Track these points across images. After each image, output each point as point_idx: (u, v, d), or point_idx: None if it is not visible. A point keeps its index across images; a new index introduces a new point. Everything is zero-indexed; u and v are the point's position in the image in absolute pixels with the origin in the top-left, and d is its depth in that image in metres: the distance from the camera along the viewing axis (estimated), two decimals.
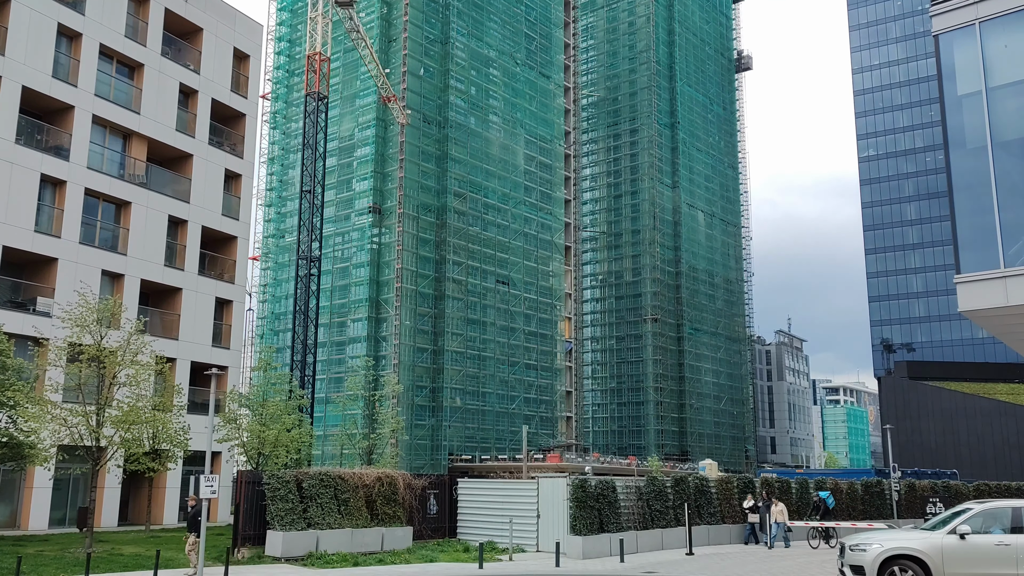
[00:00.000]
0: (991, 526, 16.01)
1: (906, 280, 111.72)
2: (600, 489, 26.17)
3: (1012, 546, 15.46)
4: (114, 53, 38.53)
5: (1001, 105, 16.33)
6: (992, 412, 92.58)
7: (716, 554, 26.72)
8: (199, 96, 42.38)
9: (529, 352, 71.11)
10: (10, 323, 31.03)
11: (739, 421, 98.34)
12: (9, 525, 32.34)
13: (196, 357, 39.78)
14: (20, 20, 34.42)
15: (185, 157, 41.48)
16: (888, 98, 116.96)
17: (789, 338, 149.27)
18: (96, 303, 27.09)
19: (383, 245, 65.06)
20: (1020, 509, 16.07)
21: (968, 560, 15.70)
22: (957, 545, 15.82)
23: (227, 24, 44.53)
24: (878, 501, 37.65)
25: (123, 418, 25.75)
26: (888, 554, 16.21)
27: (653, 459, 65.61)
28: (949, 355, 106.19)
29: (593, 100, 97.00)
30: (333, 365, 64.44)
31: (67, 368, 26.61)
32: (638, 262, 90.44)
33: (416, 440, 60.22)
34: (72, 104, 36.15)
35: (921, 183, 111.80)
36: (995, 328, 18.61)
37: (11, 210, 33.23)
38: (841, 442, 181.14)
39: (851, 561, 16.77)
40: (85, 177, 36.23)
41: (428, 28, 68.05)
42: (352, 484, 25.32)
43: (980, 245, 16.17)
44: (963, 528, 15.95)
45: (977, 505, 17.05)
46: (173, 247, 40.35)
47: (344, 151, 68.07)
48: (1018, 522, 15.83)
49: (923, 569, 15.89)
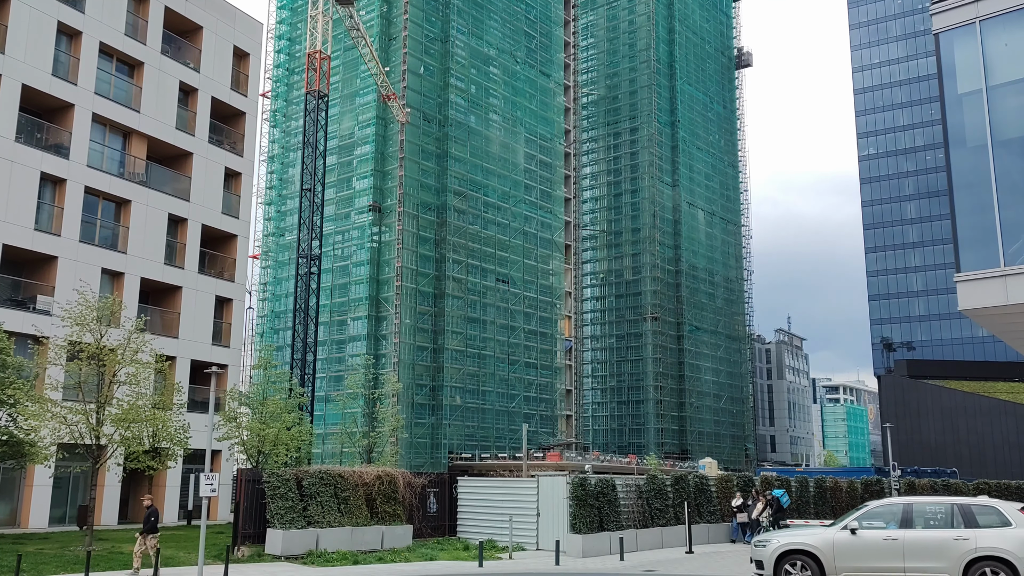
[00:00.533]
0: (882, 522, 16.62)
1: (906, 279, 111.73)
2: (600, 488, 26.18)
3: (899, 540, 16.07)
4: (114, 51, 38.52)
5: (1001, 103, 16.33)
6: (992, 411, 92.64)
7: (716, 552, 26.73)
8: (199, 94, 42.38)
9: (529, 350, 71.12)
10: (10, 321, 31.03)
11: (739, 420, 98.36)
12: (9, 523, 32.36)
13: (196, 355, 39.79)
14: (20, 18, 34.40)
15: (185, 155, 41.49)
16: (888, 96, 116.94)
17: (789, 337, 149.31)
18: (96, 301, 27.09)
19: (383, 243, 65.05)
20: (911, 505, 16.77)
21: (857, 554, 16.28)
22: (848, 540, 16.42)
23: (227, 22, 44.51)
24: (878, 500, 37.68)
25: (123, 416, 25.74)
26: (784, 549, 16.84)
27: (652, 458, 65.61)
28: (949, 354, 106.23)
29: (593, 98, 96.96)
30: (333, 363, 64.44)
31: (67, 366, 26.61)
32: (638, 261, 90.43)
33: (416, 438, 60.23)
34: (72, 102, 36.15)
35: (921, 181, 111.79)
36: (995, 327, 18.61)
37: (11, 208, 33.23)
38: (841, 441, 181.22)
39: (755, 556, 17.49)
40: (85, 175, 36.23)
41: (428, 26, 68.02)
42: (352, 482, 25.33)
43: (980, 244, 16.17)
44: (853, 524, 16.60)
45: (873, 502, 17.77)
46: (173, 245, 40.36)
47: (344, 149, 68.05)
48: (908, 518, 16.45)
49: (816, 563, 16.48)
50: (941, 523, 16.24)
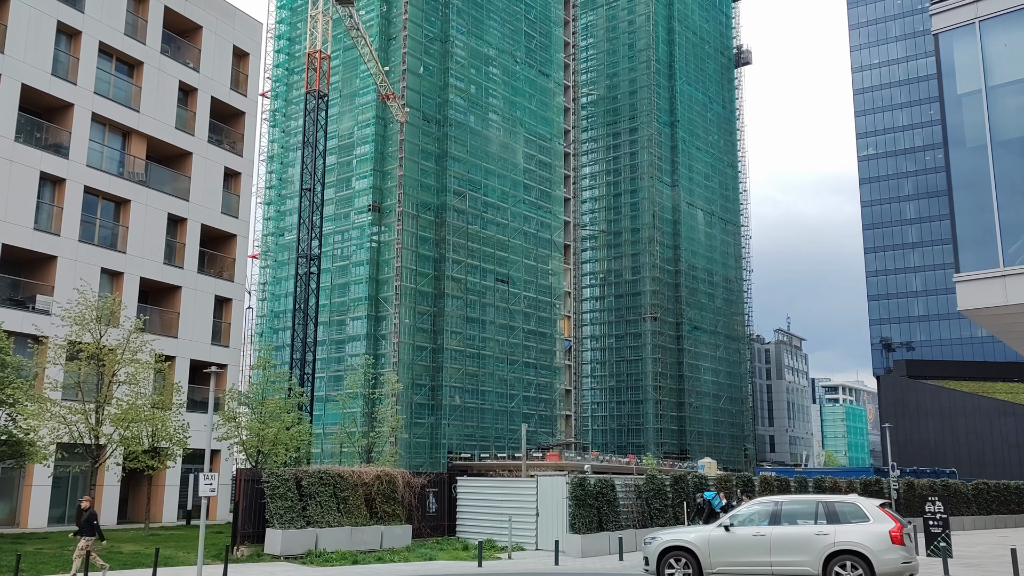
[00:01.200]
0: (754, 519, 17.55)
1: (905, 279, 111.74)
2: (599, 488, 26.18)
3: (767, 536, 17.03)
4: (113, 51, 38.50)
5: (1001, 104, 16.33)
6: (991, 411, 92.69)
7: None
8: (198, 94, 42.36)
9: (528, 350, 71.13)
10: (9, 321, 31.02)
11: (738, 420, 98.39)
12: (8, 523, 32.34)
13: (195, 355, 39.78)
14: (20, 18, 34.40)
15: (184, 155, 41.48)
16: (888, 97, 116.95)
17: (788, 337, 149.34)
18: (95, 301, 27.10)
19: (383, 243, 65.05)
20: (780, 504, 17.72)
21: (730, 549, 17.23)
22: (722, 536, 17.40)
23: (227, 22, 44.50)
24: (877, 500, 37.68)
25: (122, 416, 25.78)
26: (666, 546, 17.81)
27: (651, 458, 65.63)
28: (948, 354, 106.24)
29: (593, 99, 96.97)
30: (332, 363, 64.43)
31: (66, 366, 26.64)
32: (637, 261, 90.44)
33: (415, 438, 60.23)
34: (71, 102, 36.13)
35: (921, 182, 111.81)
36: (994, 327, 18.61)
37: (10, 208, 33.21)
38: (840, 441, 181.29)
39: (644, 553, 18.45)
40: (84, 175, 36.22)
41: (428, 26, 68.02)
42: (351, 482, 25.33)
43: (979, 244, 16.17)
44: (727, 521, 17.65)
45: (751, 501, 19.05)
46: (172, 245, 40.34)
47: (344, 149, 68.05)
48: (777, 516, 17.38)
49: (694, 559, 17.44)
50: (807, 519, 17.20)
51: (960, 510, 40.83)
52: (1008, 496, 44.49)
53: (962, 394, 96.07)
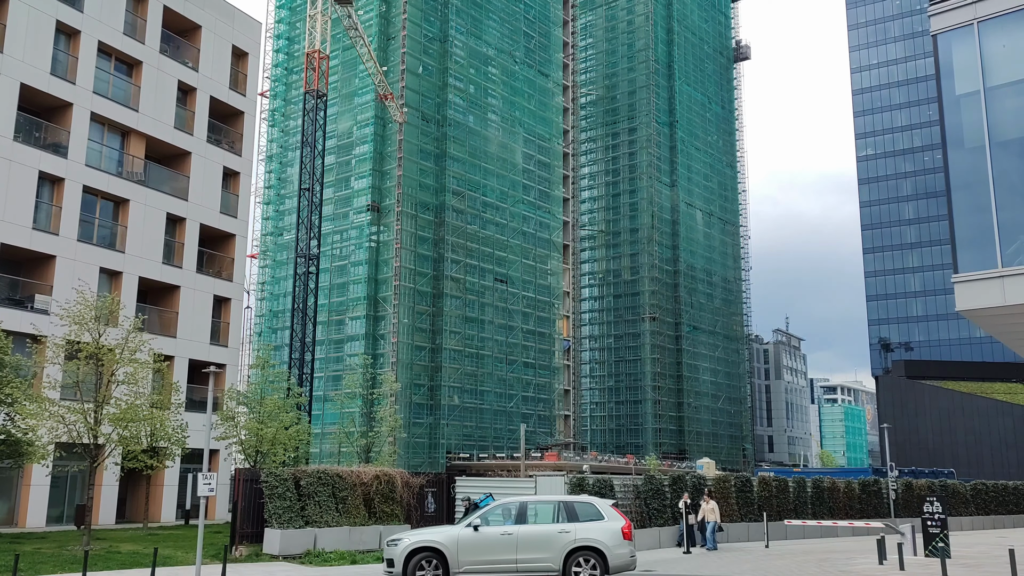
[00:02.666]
0: (502, 519, 17.93)
1: (904, 279, 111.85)
2: (598, 488, 26.19)
3: (514, 535, 17.51)
4: (113, 50, 38.51)
5: (999, 105, 16.35)
6: (989, 411, 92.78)
7: (713, 552, 26.74)
8: (197, 94, 42.37)
9: (527, 350, 71.13)
10: (8, 320, 31.03)
11: (737, 420, 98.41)
12: (7, 522, 32.34)
13: (194, 355, 39.79)
14: (19, 17, 34.39)
15: (183, 155, 41.48)
16: (887, 97, 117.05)
17: (787, 337, 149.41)
18: (94, 301, 27.07)
19: (381, 243, 65.04)
20: (526, 503, 18.27)
21: (478, 548, 17.38)
22: (471, 536, 17.49)
23: (226, 22, 44.50)
24: (875, 500, 37.74)
25: (121, 416, 25.74)
26: (413, 547, 17.37)
27: (651, 458, 65.66)
28: (947, 354, 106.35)
29: (592, 99, 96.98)
30: (331, 363, 64.43)
31: (65, 365, 26.61)
32: (636, 261, 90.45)
33: (414, 438, 60.24)
34: (70, 101, 36.14)
35: (919, 182, 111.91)
36: (993, 327, 18.64)
37: (9, 207, 33.21)
38: (839, 441, 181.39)
39: (386, 555, 17.96)
40: (83, 174, 36.22)
41: (427, 26, 68.01)
42: (350, 482, 25.34)
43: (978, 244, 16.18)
44: (476, 521, 17.74)
45: (496, 502, 19.18)
46: (171, 245, 40.35)
47: (343, 149, 68.04)
48: (522, 515, 17.91)
49: (442, 560, 17.31)
50: (549, 518, 17.88)
51: (958, 510, 40.90)
52: (1006, 496, 44.56)
53: (960, 395, 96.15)
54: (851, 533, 33.87)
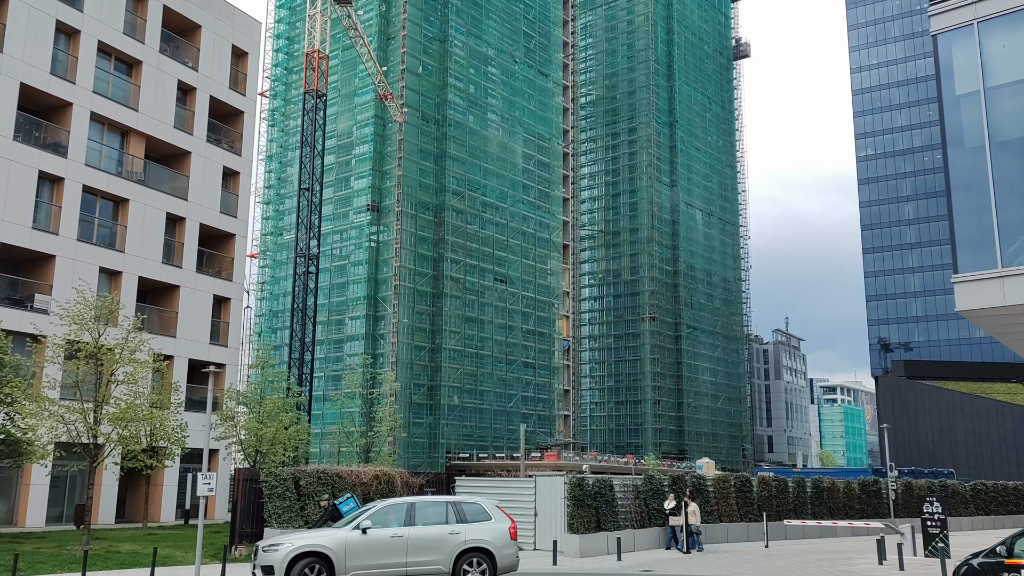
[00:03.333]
0: (390, 520, 17.48)
1: (904, 279, 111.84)
2: (597, 488, 26.18)
3: (404, 537, 17.19)
4: (112, 50, 38.50)
5: (999, 105, 16.35)
6: (989, 411, 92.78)
7: (712, 552, 26.75)
8: (197, 93, 42.36)
9: (527, 350, 71.13)
10: (8, 320, 31.02)
11: (736, 420, 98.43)
12: (6, 522, 32.34)
13: (194, 355, 39.78)
14: (18, 17, 34.38)
15: (183, 154, 41.47)
16: (886, 97, 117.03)
17: (787, 337, 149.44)
18: (94, 300, 27.06)
19: (381, 243, 65.04)
20: (414, 504, 18.00)
21: (367, 552, 16.94)
22: (359, 539, 16.97)
23: (226, 21, 44.49)
24: (875, 500, 37.73)
25: (120, 415, 25.74)
26: (296, 552, 16.49)
27: (650, 458, 65.64)
28: (947, 354, 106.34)
29: (592, 99, 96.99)
30: (331, 363, 64.43)
31: (65, 365, 26.61)
32: (636, 261, 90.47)
33: (414, 438, 60.23)
34: (70, 101, 36.13)
35: (919, 182, 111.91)
36: (992, 328, 18.63)
37: (9, 207, 33.21)
38: (838, 441, 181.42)
39: (263, 562, 16.71)
40: (83, 174, 36.21)
41: (427, 26, 68.00)
42: (349, 482, 25.34)
43: (978, 244, 16.18)
44: (366, 523, 17.19)
45: (380, 501, 18.60)
46: (171, 244, 40.34)
47: (343, 149, 68.04)
48: (411, 516, 17.59)
49: (328, 564, 16.63)
50: (439, 520, 17.72)
51: (958, 511, 40.89)
52: (1006, 497, 44.55)
53: (960, 395, 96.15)
54: (851, 533, 33.87)
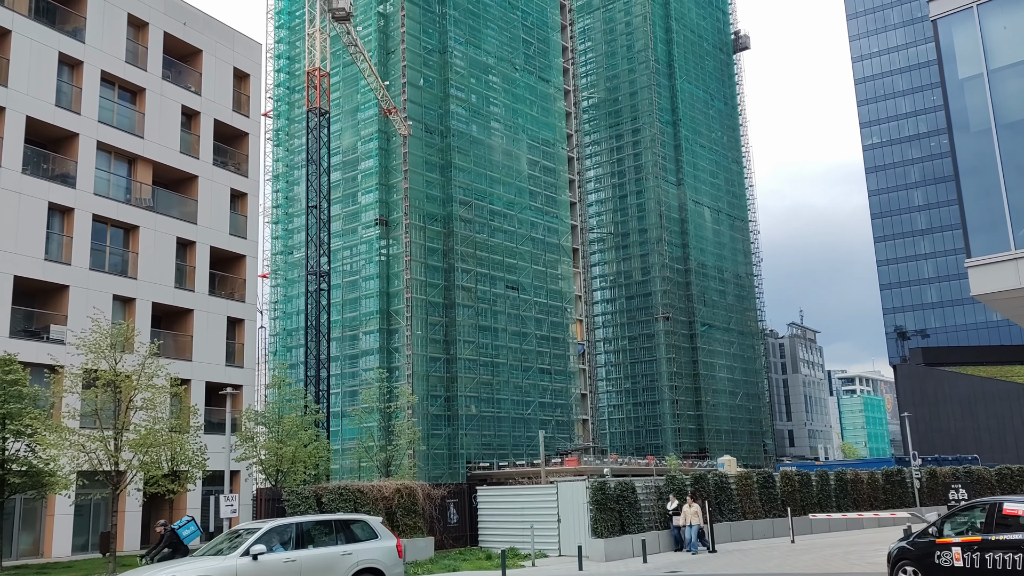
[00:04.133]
0: (279, 543, 16.25)
1: (917, 266, 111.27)
2: (620, 490, 26.11)
3: (297, 561, 16.03)
4: (115, 79, 38.77)
5: (1003, 86, 16.27)
6: (1011, 395, 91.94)
7: (739, 550, 26.62)
8: (201, 117, 42.59)
9: (542, 356, 71.06)
10: (25, 352, 31.19)
11: (756, 416, 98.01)
12: (32, 553, 32.47)
13: (210, 377, 39.91)
14: (21, 51, 34.67)
15: (190, 179, 41.69)
16: (890, 85, 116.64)
17: (802, 330, 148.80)
18: (109, 328, 27.19)
19: (391, 256, 65.19)
20: (303, 524, 17.08)
21: None
22: (251, 567, 15.47)
23: (226, 44, 44.75)
24: (900, 490, 37.47)
25: (141, 441, 25.82)
26: None
27: (671, 458, 65.41)
28: (964, 339, 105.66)
29: (594, 102, 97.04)
30: (347, 378, 64.53)
31: (83, 394, 26.71)
32: (646, 261, 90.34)
33: (433, 450, 60.20)
34: (76, 131, 36.40)
35: (927, 168, 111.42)
36: (1009, 310, 18.49)
37: (20, 239, 33.44)
38: (859, 432, 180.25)
39: None
40: (92, 203, 36.44)
41: (426, 38, 68.22)
42: (371, 497, 25.37)
43: (989, 228, 16.08)
44: (256, 548, 15.67)
45: (265, 523, 17.01)
46: (182, 269, 40.53)
47: (348, 165, 68.28)
48: (302, 537, 16.64)
49: None
50: (330, 540, 16.96)
51: (984, 496, 40.55)
52: None
53: (980, 379, 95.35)
54: (877, 524, 33.65)
